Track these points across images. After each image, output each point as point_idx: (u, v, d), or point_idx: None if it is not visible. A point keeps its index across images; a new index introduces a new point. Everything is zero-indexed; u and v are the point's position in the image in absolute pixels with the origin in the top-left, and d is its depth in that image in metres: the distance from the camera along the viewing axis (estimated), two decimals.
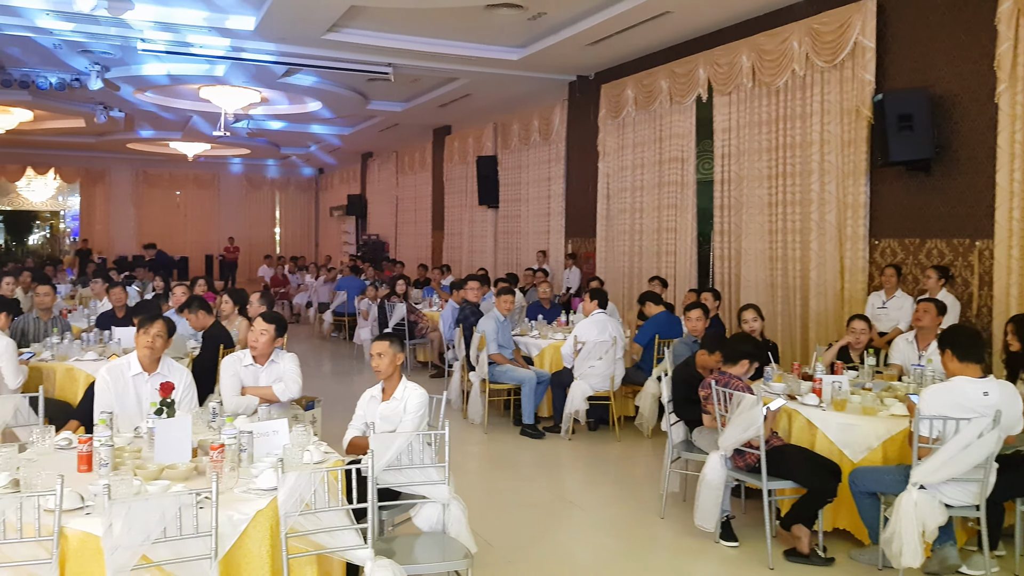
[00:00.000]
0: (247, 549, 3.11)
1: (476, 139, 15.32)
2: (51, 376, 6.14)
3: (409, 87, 13.25)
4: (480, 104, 13.84)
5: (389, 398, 4.43)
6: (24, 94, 13.12)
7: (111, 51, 10.94)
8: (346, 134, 18.01)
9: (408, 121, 15.95)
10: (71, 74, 12.17)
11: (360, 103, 14.14)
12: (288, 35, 9.95)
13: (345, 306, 12.77)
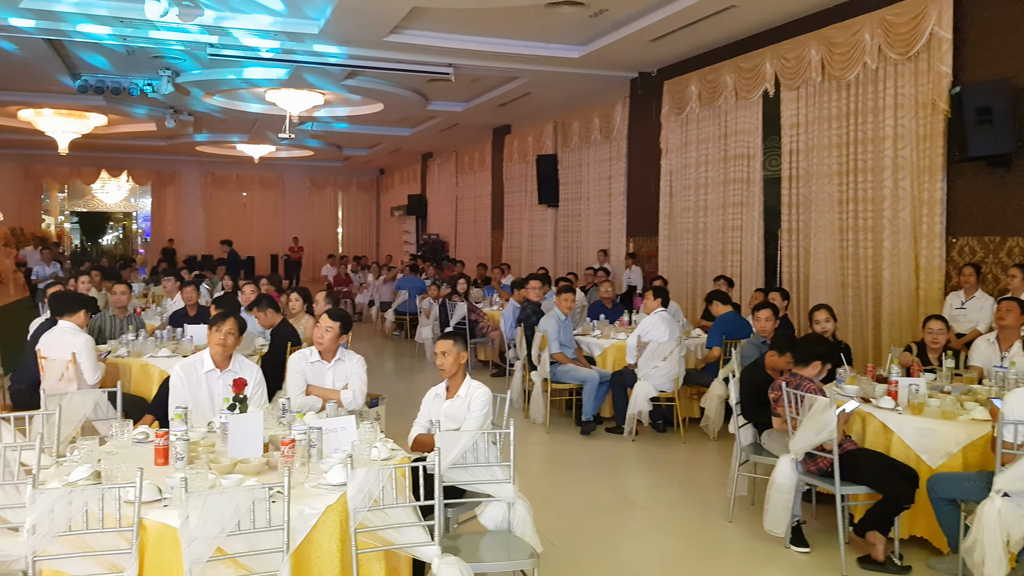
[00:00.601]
0: (317, 543, 3.15)
1: (536, 138, 15.29)
2: (127, 372, 6.33)
3: (469, 87, 13.30)
4: (540, 103, 13.81)
5: (453, 396, 4.46)
6: (99, 99, 13.61)
7: (181, 56, 11.26)
8: (406, 135, 18.19)
9: (468, 121, 16.02)
10: (143, 79, 12.58)
11: (421, 104, 14.26)
12: (351, 38, 10.08)
13: (406, 305, 12.89)
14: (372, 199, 27.84)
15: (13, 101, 14.52)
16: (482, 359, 10.67)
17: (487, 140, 17.74)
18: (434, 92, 13.78)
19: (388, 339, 13.41)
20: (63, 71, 11.90)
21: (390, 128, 17.77)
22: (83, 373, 5.85)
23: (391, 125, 17.41)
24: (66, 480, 3.18)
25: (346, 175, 26.86)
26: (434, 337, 10.71)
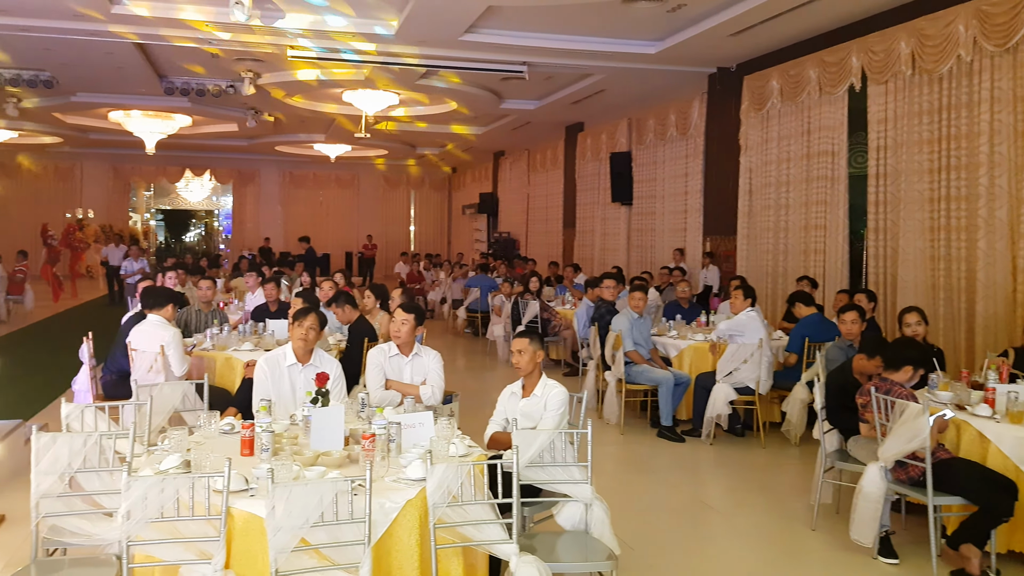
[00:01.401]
0: (397, 537, 3.18)
1: (609, 135, 15.16)
2: (211, 365, 6.52)
3: (542, 85, 13.27)
4: (614, 100, 13.67)
5: (529, 395, 4.45)
6: (184, 101, 14.10)
7: (263, 58, 11.56)
8: (479, 133, 18.28)
9: (541, 119, 15.99)
10: (226, 81, 12.97)
11: (494, 102, 14.30)
12: (427, 38, 10.17)
13: (478, 303, 12.95)
14: (444, 197, 28.10)
15: (104, 103, 15.15)
16: (554, 358, 10.63)
17: (560, 138, 17.68)
18: (507, 90, 13.80)
19: (460, 336, 13.50)
20: (151, 74, 12.36)
21: (463, 126, 17.88)
22: (170, 365, 6.06)
23: (464, 124, 17.52)
24: (158, 468, 3.28)
25: (419, 173, 27.18)
26: (506, 335, 10.73)
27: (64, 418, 3.93)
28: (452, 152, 22.42)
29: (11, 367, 4.74)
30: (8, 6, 8.80)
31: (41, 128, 18.47)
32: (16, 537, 4.58)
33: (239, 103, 15.05)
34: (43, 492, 3.25)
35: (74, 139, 20.11)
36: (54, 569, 3.25)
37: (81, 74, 12.57)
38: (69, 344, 10.47)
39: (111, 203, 24.52)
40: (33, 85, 12.53)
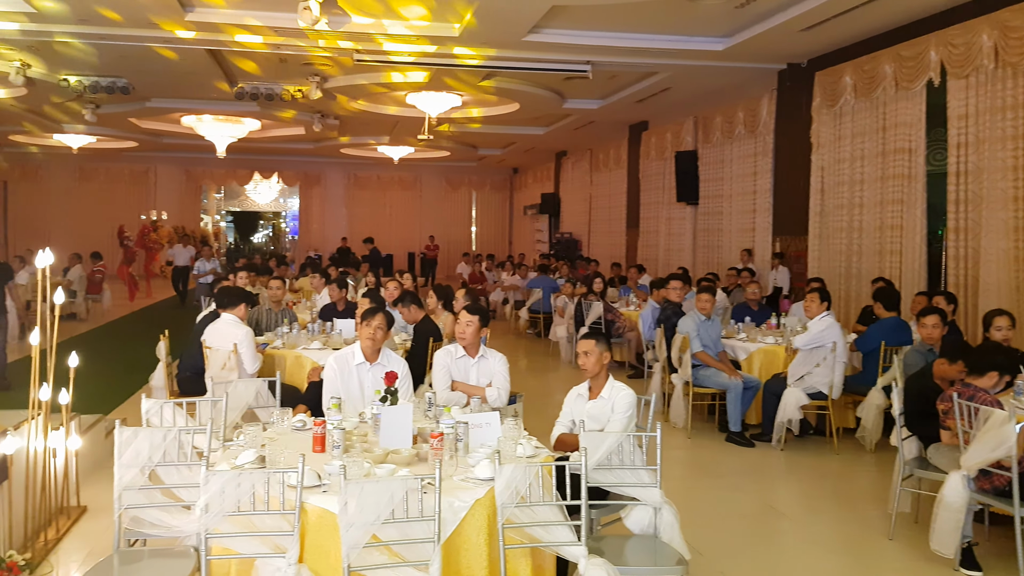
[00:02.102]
0: (466, 536, 3.18)
1: (675, 134, 14.95)
2: (282, 363, 6.65)
3: (606, 84, 13.17)
4: (680, 98, 13.48)
5: (596, 397, 4.42)
6: (253, 105, 14.44)
7: (329, 63, 11.76)
8: (541, 133, 18.25)
9: (604, 118, 15.87)
10: (294, 85, 13.24)
11: (557, 102, 14.26)
12: (490, 39, 10.19)
13: (540, 304, 12.92)
14: (505, 198, 28.15)
15: (177, 108, 15.64)
16: (618, 360, 10.52)
17: (623, 137, 17.53)
18: (570, 90, 13.74)
19: (522, 337, 13.49)
20: (222, 79, 12.70)
21: (525, 127, 17.88)
22: (243, 362, 6.21)
23: (526, 124, 17.51)
24: (234, 463, 3.35)
25: (480, 175, 27.30)
26: (568, 336, 10.67)
27: (144, 413, 4.04)
28: (514, 152, 22.44)
29: (90, 363, 4.90)
30: (88, 15, 9.15)
31: (117, 133, 19.19)
32: (97, 527, 4.74)
33: (306, 107, 15.36)
34: (125, 484, 3.35)
35: (148, 143, 20.82)
36: (135, 559, 3.34)
37: (155, 80, 13.00)
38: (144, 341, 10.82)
39: (183, 205, 25.31)
40: (110, 91, 12.99)
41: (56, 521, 4.66)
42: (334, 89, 13.27)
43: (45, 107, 15.29)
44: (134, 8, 8.82)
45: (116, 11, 8.98)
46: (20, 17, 9.16)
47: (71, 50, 10.87)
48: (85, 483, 5.15)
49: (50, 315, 4.59)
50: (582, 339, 4.51)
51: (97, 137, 19.39)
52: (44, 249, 4.77)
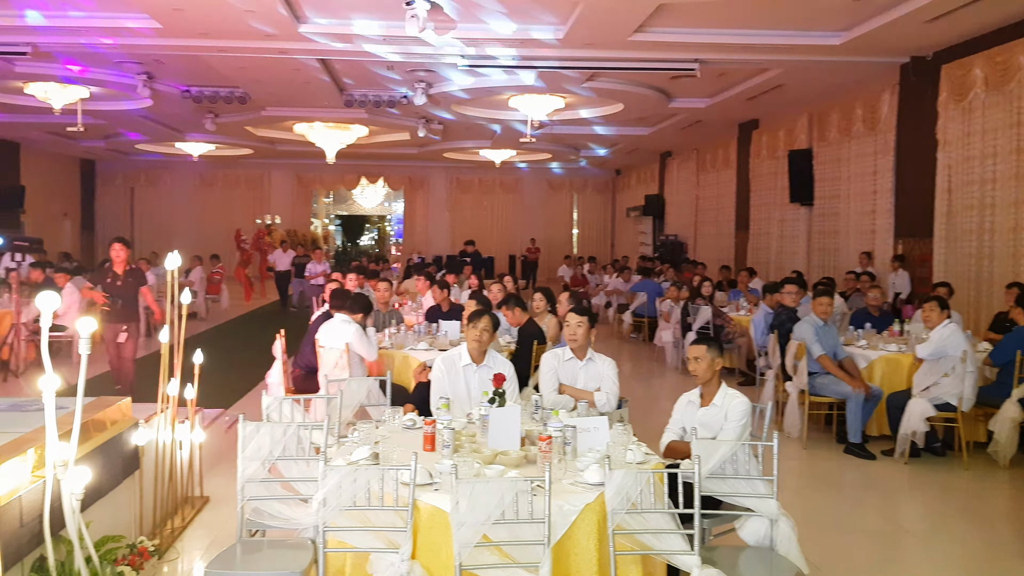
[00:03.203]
0: (576, 540, 3.16)
1: (788, 132, 14.43)
2: (390, 362, 6.79)
3: (714, 82, 12.85)
4: (793, 95, 13.00)
5: (708, 404, 4.33)
6: (361, 112, 14.85)
7: (435, 68, 11.96)
8: (645, 134, 17.99)
9: (712, 117, 15.50)
10: (401, 91, 13.53)
11: (662, 102, 14.02)
12: (595, 40, 10.10)
13: (645, 307, 12.72)
14: (608, 200, 27.90)
15: (290, 116, 16.27)
16: (728, 366, 10.21)
17: (732, 136, 17.06)
18: (676, 89, 13.48)
19: (625, 341, 13.32)
20: (332, 87, 13.11)
21: (628, 128, 17.68)
22: (362, 353, 6.36)
23: (630, 125, 17.32)
24: (349, 459, 3.42)
25: (582, 176, 27.18)
26: (675, 341, 10.45)
27: (264, 409, 4.19)
28: (617, 153, 22.22)
29: (210, 360, 5.13)
30: (209, 29, 9.63)
31: (234, 141, 20.17)
32: (219, 517, 4.95)
33: (411, 112, 15.68)
34: (248, 477, 3.48)
35: (263, 150, 21.78)
36: (256, 549, 3.46)
37: (271, 90, 13.56)
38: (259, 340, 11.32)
39: (295, 209, 26.33)
40: (228, 101, 13.66)
41: (181, 510, 4.89)
42: (438, 94, 13.50)
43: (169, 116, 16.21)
44: (251, 22, 9.22)
45: (234, 26, 9.40)
46: (147, 33, 9.72)
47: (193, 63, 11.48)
48: (207, 475, 5.39)
49: (177, 315, 4.83)
50: (693, 344, 4.41)
51: (216, 145, 20.45)
52: (173, 252, 5.03)
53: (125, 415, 4.57)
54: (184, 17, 9.08)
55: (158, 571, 4.17)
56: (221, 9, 8.71)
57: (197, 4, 8.58)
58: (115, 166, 24.94)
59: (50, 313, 3.07)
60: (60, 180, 23.12)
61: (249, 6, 8.62)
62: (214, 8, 8.68)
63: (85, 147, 21.47)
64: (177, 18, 9.14)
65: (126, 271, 7.46)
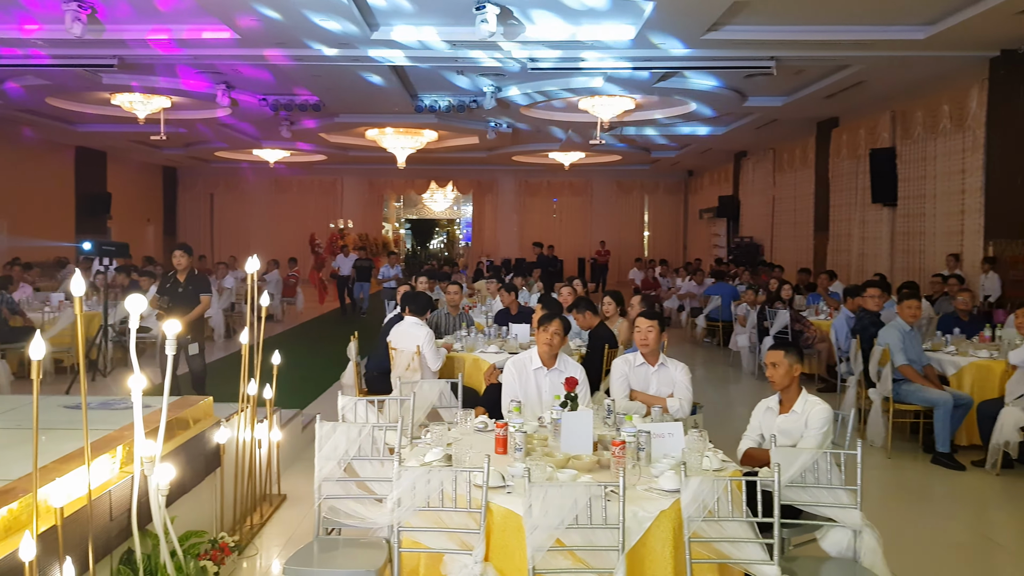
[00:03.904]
0: (651, 547, 3.12)
1: (869, 130, 13.94)
2: (460, 365, 6.82)
3: (791, 80, 12.51)
4: (875, 92, 12.56)
5: (788, 411, 4.22)
6: (432, 117, 15.02)
7: (504, 72, 11.99)
8: (719, 134, 17.66)
9: (788, 116, 15.10)
10: (469, 96, 13.62)
11: (736, 101, 13.74)
12: (666, 40, 9.97)
13: (719, 311, 12.47)
14: (679, 201, 27.50)
15: (362, 123, 16.56)
16: (807, 372, 9.89)
17: (810, 135, 16.59)
18: (751, 87, 13.18)
19: (699, 346, 13.09)
20: (403, 93, 13.28)
21: (702, 127, 17.39)
22: (427, 361, 6.42)
23: (703, 124, 17.03)
24: (423, 460, 3.44)
25: (653, 178, 26.85)
26: (751, 346, 10.20)
27: (340, 409, 4.26)
28: (689, 154, 21.87)
29: (286, 361, 5.25)
30: (285, 39, 9.87)
31: (309, 147, 20.68)
32: (296, 514, 5.05)
33: (480, 116, 15.77)
34: (324, 476, 3.54)
35: (336, 156, 22.25)
36: (332, 547, 3.51)
37: (344, 97, 13.83)
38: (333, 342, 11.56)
39: (367, 214, 26.81)
40: (304, 109, 14.00)
41: (260, 507, 5.01)
42: (508, 98, 13.53)
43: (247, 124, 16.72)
44: (326, 31, 9.41)
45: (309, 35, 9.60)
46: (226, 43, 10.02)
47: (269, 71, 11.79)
48: (284, 473, 5.51)
49: (256, 317, 4.96)
50: (770, 350, 4.32)
51: (291, 151, 20.99)
52: (252, 256, 5.17)
53: (207, 414, 4.71)
54: (261, 28, 9.34)
55: (238, 567, 4.27)
56: (297, 19, 8.92)
57: (274, 15, 8.81)
58: (195, 173, 25.90)
59: (137, 315, 3.18)
60: (144, 187, 24.17)
61: (324, 16, 8.80)
62: (290, 18, 8.90)
63: (167, 155, 22.36)
64: (255, 29, 9.40)
65: (187, 277, 7.53)
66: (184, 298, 7.40)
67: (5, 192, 17.10)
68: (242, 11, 8.68)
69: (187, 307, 7.30)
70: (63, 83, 12.57)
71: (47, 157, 18.81)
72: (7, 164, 17.20)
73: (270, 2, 8.39)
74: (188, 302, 7.35)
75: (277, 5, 8.48)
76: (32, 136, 17.56)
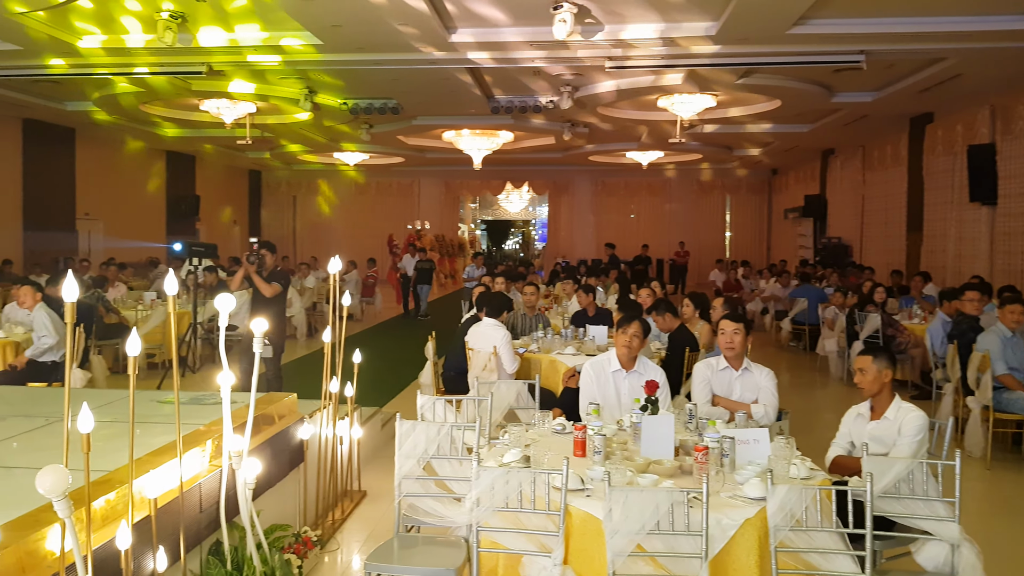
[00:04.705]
0: (735, 556, 3.06)
1: (967, 126, 13.27)
2: (537, 366, 6.80)
3: (882, 74, 12.02)
4: (973, 85, 11.95)
5: (880, 417, 4.07)
6: (507, 118, 15.05)
7: (581, 72, 11.91)
8: (804, 131, 17.14)
9: (879, 112, 14.51)
10: (547, 96, 13.58)
11: (823, 96, 13.29)
12: (749, 35, 9.70)
13: (805, 314, 12.08)
14: (763, 201, 26.76)
15: (439, 125, 16.74)
16: (899, 378, 9.48)
17: (902, 131, 15.90)
18: (839, 83, 12.73)
19: (784, 350, 12.71)
20: (480, 95, 13.35)
21: (786, 125, 16.90)
22: (503, 363, 6.43)
23: (787, 122, 16.55)
24: (500, 461, 3.43)
25: (735, 176, 26.26)
26: (839, 350, 9.86)
27: (419, 408, 4.29)
28: (774, 152, 21.30)
29: (365, 360, 5.33)
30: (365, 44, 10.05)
31: (387, 150, 21.04)
32: (376, 511, 5.12)
33: (557, 116, 15.72)
34: (404, 473, 3.57)
35: (413, 158, 22.57)
36: (412, 544, 3.54)
37: (421, 100, 14.00)
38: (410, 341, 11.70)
39: (443, 215, 27.10)
40: (383, 112, 14.24)
41: (341, 503, 5.10)
42: (585, 97, 13.45)
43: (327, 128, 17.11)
44: (404, 35, 9.54)
45: (389, 39, 9.76)
46: (309, 50, 10.28)
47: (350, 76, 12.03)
48: (364, 470, 5.60)
49: (338, 316, 5.05)
50: (860, 355, 4.17)
51: (370, 154, 21.39)
52: (334, 256, 5.27)
53: (291, 410, 4.82)
54: (343, 33, 9.53)
55: (319, 561, 4.35)
56: (377, 24, 9.07)
57: (355, 20, 8.98)
58: (279, 176, 26.69)
59: (226, 314, 3.27)
60: (230, 190, 25.06)
61: (403, 20, 8.92)
62: (370, 23, 9.06)
63: (252, 158, 23.11)
64: (336, 34, 9.61)
65: (270, 274, 7.63)
66: (266, 296, 7.56)
67: (102, 195, 18.00)
68: (326, 17, 8.88)
69: (270, 305, 7.47)
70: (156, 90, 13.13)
71: (140, 161, 19.73)
72: (104, 168, 18.11)
73: (352, 9, 8.55)
74: (271, 300, 7.51)
75: (359, 12, 8.63)
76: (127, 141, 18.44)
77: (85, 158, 17.30)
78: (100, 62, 10.91)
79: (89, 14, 9.23)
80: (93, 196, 17.63)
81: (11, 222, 15.45)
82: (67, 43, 9.98)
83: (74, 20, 9.45)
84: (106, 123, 15.83)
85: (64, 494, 2.37)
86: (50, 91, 13.56)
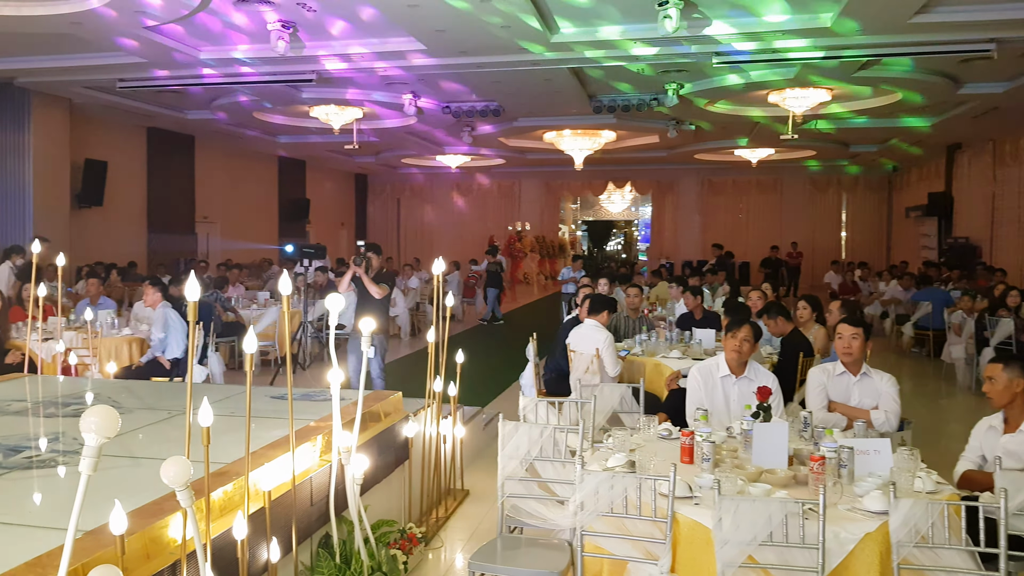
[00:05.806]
0: (853, 571, 2.91)
1: None
2: (641, 369, 6.68)
3: (1015, 63, 11.21)
4: None
5: (1014, 430, 3.81)
6: (610, 118, 14.88)
7: (687, 68, 11.64)
8: (929, 125, 16.20)
9: (1012, 104, 13.54)
10: (651, 94, 13.34)
11: (949, 88, 12.52)
12: (870, 25, 9.24)
13: (929, 319, 11.41)
14: (883, 199, 25.39)
15: (540, 126, 16.74)
16: None
17: None
18: (966, 73, 11.96)
19: (905, 356, 12.04)
20: (582, 95, 13.27)
21: (908, 118, 16.02)
22: (605, 365, 6.35)
23: (908, 115, 15.69)
24: (604, 465, 3.38)
25: (852, 174, 25.09)
26: (967, 358, 9.26)
27: (521, 409, 4.29)
28: (895, 148, 20.22)
29: (466, 360, 5.37)
30: (468, 47, 10.16)
31: (489, 152, 21.24)
32: (479, 510, 5.15)
33: (661, 115, 15.45)
34: (508, 474, 3.56)
35: (514, 159, 22.69)
36: (515, 545, 3.53)
37: (523, 101, 14.04)
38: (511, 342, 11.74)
39: (544, 216, 27.11)
40: (484, 114, 14.37)
41: (445, 501, 5.15)
42: (691, 94, 13.16)
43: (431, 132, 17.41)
44: (506, 37, 9.58)
45: (491, 42, 9.83)
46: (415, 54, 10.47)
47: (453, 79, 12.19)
48: (467, 469, 5.64)
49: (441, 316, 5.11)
50: (990, 363, 3.91)
51: (472, 156, 21.65)
52: (438, 258, 5.34)
53: (397, 408, 4.91)
54: (446, 38, 9.66)
55: (424, 558, 4.41)
56: (480, 27, 9.15)
57: (458, 24, 9.08)
58: (384, 179, 27.41)
59: (335, 313, 3.35)
60: (338, 193, 25.91)
61: (506, 22, 8.96)
62: (473, 27, 9.14)
63: (359, 163, 23.85)
64: (440, 39, 9.75)
65: (376, 275, 7.76)
66: (372, 296, 7.74)
67: (218, 199, 18.95)
68: (429, 24, 9.03)
69: (376, 306, 7.62)
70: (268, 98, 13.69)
71: (254, 166, 20.68)
72: (220, 174, 19.06)
73: (454, 14, 8.65)
74: (377, 300, 7.68)
75: (461, 16, 8.73)
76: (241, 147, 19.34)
77: (203, 164, 18.27)
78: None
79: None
80: (211, 200, 18.60)
81: (136, 225, 16.45)
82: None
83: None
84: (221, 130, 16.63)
85: (186, 484, 2.47)
86: (174, 101, 14.37)
